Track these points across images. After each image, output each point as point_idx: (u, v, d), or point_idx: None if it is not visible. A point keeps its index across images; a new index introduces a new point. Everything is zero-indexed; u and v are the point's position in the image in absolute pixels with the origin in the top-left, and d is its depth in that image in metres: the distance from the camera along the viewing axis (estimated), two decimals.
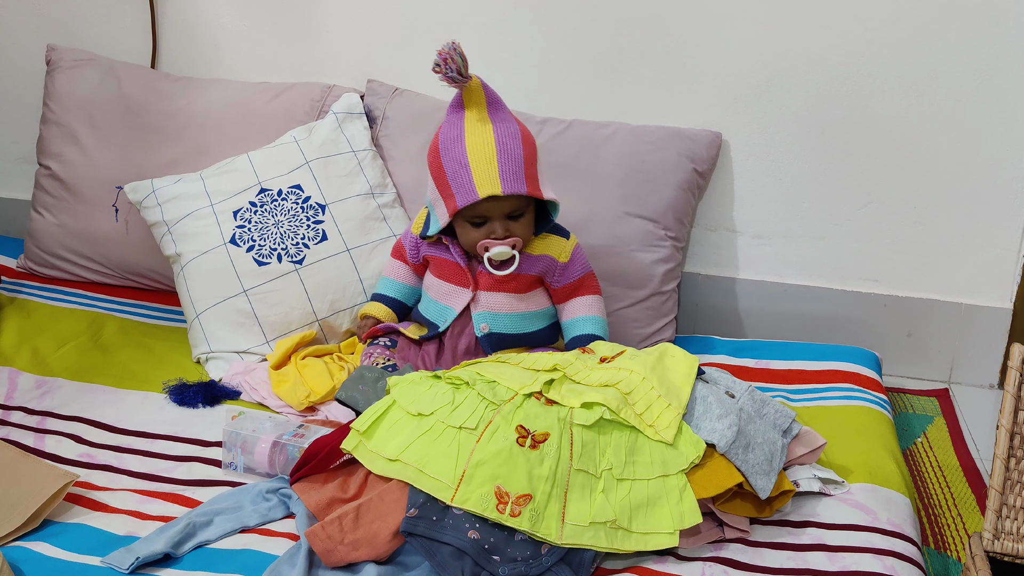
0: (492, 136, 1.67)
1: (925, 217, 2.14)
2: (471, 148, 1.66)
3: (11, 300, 2.08)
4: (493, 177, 1.65)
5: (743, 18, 2.08)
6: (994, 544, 1.35)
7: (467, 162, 1.66)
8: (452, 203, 1.68)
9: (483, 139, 1.66)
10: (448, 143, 1.69)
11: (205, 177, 2.03)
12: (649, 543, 1.36)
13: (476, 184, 1.65)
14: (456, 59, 1.63)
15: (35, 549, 1.34)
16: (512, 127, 1.70)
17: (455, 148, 1.67)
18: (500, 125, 1.69)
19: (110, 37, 2.35)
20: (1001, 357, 2.20)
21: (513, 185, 1.66)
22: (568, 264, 1.80)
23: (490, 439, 1.39)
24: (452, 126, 1.70)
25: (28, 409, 1.71)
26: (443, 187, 1.70)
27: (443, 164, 1.69)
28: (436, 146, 1.72)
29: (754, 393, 1.56)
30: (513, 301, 1.78)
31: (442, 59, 1.63)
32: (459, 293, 1.79)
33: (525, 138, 1.71)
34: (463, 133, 1.68)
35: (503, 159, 1.66)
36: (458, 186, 1.67)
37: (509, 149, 1.67)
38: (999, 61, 2.02)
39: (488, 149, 1.66)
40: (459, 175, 1.67)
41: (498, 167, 1.65)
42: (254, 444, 1.53)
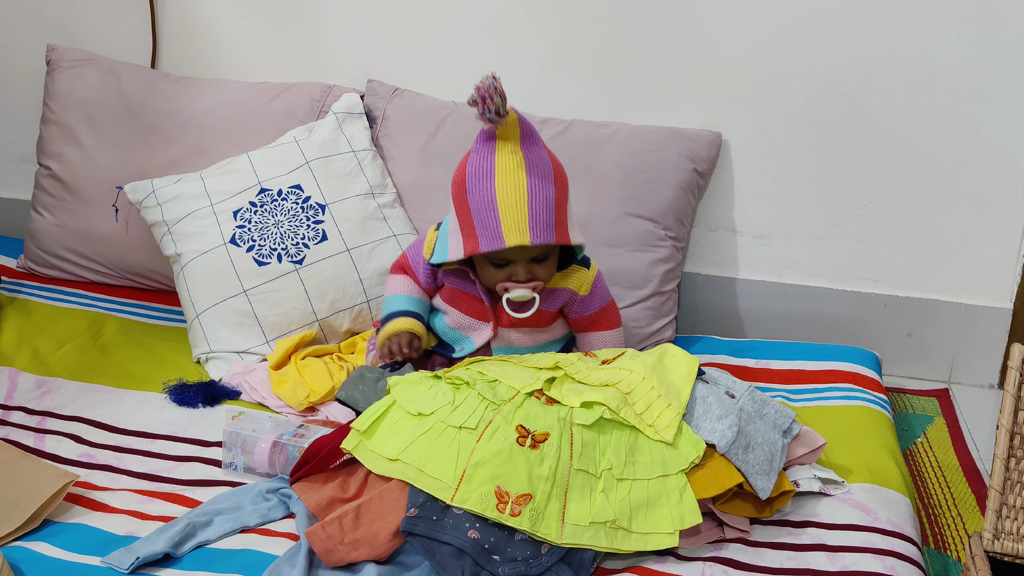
0: (524, 178, 1.56)
1: (925, 217, 2.14)
2: (501, 189, 1.55)
3: (11, 300, 2.08)
4: (522, 226, 1.54)
5: (743, 18, 2.08)
6: (994, 544, 1.35)
7: (496, 205, 1.55)
8: (474, 243, 1.58)
9: (515, 181, 1.55)
10: (476, 179, 1.57)
11: (205, 177, 2.03)
12: (649, 543, 1.36)
13: (504, 231, 1.54)
14: (496, 99, 1.52)
15: (35, 549, 1.34)
16: (546, 166, 1.59)
17: (484, 186, 1.56)
18: (533, 164, 1.58)
19: (110, 37, 2.35)
20: (1001, 357, 2.20)
21: (542, 235, 1.56)
22: (587, 297, 1.73)
23: (490, 439, 1.39)
24: (482, 160, 1.58)
25: (28, 409, 1.71)
26: (466, 224, 1.59)
27: (469, 202, 1.58)
28: (463, 178, 1.59)
29: (754, 393, 1.56)
30: (533, 335, 1.74)
31: (480, 96, 1.52)
32: (480, 327, 1.73)
33: (558, 178, 1.60)
34: (493, 170, 1.56)
35: (534, 206, 1.55)
36: (483, 229, 1.56)
37: (541, 194, 1.56)
38: (999, 61, 2.02)
39: (519, 193, 1.55)
40: (486, 218, 1.56)
41: (528, 215, 1.55)
42: (254, 444, 1.53)
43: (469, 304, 1.72)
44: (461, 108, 2.14)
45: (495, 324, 1.71)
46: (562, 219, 1.60)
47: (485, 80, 1.52)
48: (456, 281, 1.72)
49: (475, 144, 1.60)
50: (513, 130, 1.57)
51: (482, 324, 1.73)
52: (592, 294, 1.73)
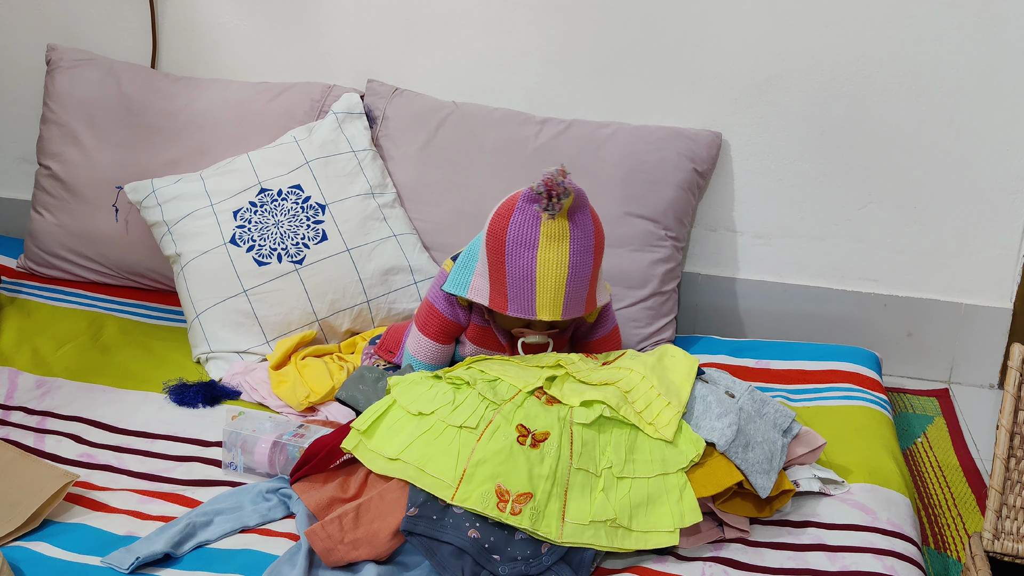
0: (567, 254, 1.51)
1: (925, 217, 2.14)
2: (542, 265, 1.51)
3: (11, 300, 2.08)
4: (556, 304, 1.52)
5: (743, 18, 2.08)
6: (994, 544, 1.35)
7: (534, 280, 1.51)
8: (502, 303, 1.55)
9: (557, 257, 1.51)
10: (517, 245, 1.51)
11: (205, 177, 2.04)
12: (649, 542, 1.36)
13: (537, 306, 1.52)
14: (564, 199, 1.48)
15: (35, 549, 1.34)
16: (588, 240, 1.53)
17: (524, 256, 1.51)
18: (577, 237, 1.52)
19: (110, 37, 2.35)
20: (1001, 357, 2.20)
21: (573, 312, 1.55)
22: (593, 324, 1.72)
23: (491, 438, 1.39)
24: (527, 223, 1.51)
25: (28, 409, 1.71)
26: (498, 282, 1.56)
27: (506, 265, 1.53)
28: (502, 235, 1.53)
29: (754, 393, 1.56)
30: None
31: (547, 192, 1.49)
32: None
33: (598, 247, 1.56)
34: (537, 240, 1.50)
35: (571, 285, 1.52)
36: (516, 296, 1.53)
37: (580, 271, 1.53)
38: (999, 61, 2.02)
39: (560, 271, 1.51)
40: (522, 288, 1.53)
41: (565, 294, 1.52)
42: (254, 444, 1.53)
43: (487, 340, 1.71)
44: (461, 108, 2.14)
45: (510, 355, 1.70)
46: (593, 289, 1.58)
47: (555, 175, 1.48)
48: (480, 319, 1.70)
49: (520, 202, 1.53)
50: (566, 202, 1.51)
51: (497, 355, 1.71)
52: (598, 322, 1.72)
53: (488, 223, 1.57)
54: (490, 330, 1.69)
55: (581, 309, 1.57)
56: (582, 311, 1.57)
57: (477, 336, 1.71)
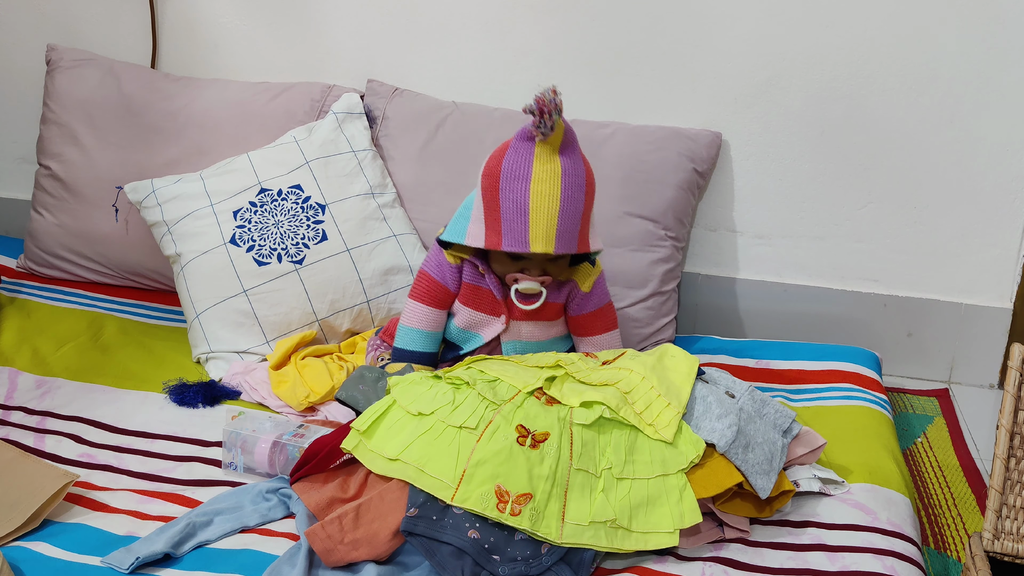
0: (559, 187, 1.56)
1: (925, 217, 2.14)
2: (535, 195, 1.56)
3: (11, 300, 2.08)
4: (550, 235, 1.56)
5: (743, 18, 2.08)
6: (994, 544, 1.35)
7: (527, 210, 1.56)
8: (497, 240, 1.59)
9: (549, 189, 1.56)
10: (512, 179, 1.57)
11: (205, 177, 2.03)
12: (649, 542, 1.36)
13: (531, 237, 1.56)
14: (555, 116, 1.52)
15: (35, 549, 1.34)
16: (579, 175, 1.59)
17: (518, 187, 1.56)
18: (570, 172, 1.58)
19: (110, 37, 2.35)
20: (1001, 357, 2.20)
21: (566, 245, 1.59)
22: (588, 295, 1.74)
23: (490, 438, 1.39)
24: (520, 159, 1.57)
25: (28, 409, 1.71)
26: (492, 219, 1.60)
27: (500, 199, 1.58)
28: (497, 171, 1.59)
29: (754, 393, 1.56)
30: (543, 329, 1.75)
31: (539, 109, 1.52)
32: (491, 323, 1.73)
33: (589, 186, 1.61)
34: (530, 174, 1.56)
35: (564, 217, 1.57)
36: (510, 230, 1.58)
37: (571, 206, 1.57)
38: (999, 61, 2.02)
39: (552, 203, 1.56)
40: (515, 220, 1.57)
41: (557, 226, 1.56)
42: (254, 444, 1.53)
43: (481, 299, 1.73)
44: (461, 108, 2.14)
45: (507, 317, 1.72)
46: (586, 229, 1.62)
47: (546, 94, 1.51)
48: (473, 275, 1.72)
49: (514, 140, 1.59)
50: (557, 137, 1.56)
51: (493, 319, 1.73)
52: (592, 293, 1.74)
53: (483, 166, 1.62)
54: (483, 289, 1.71)
55: (574, 245, 1.60)
56: (574, 247, 1.60)
57: (470, 297, 1.72)
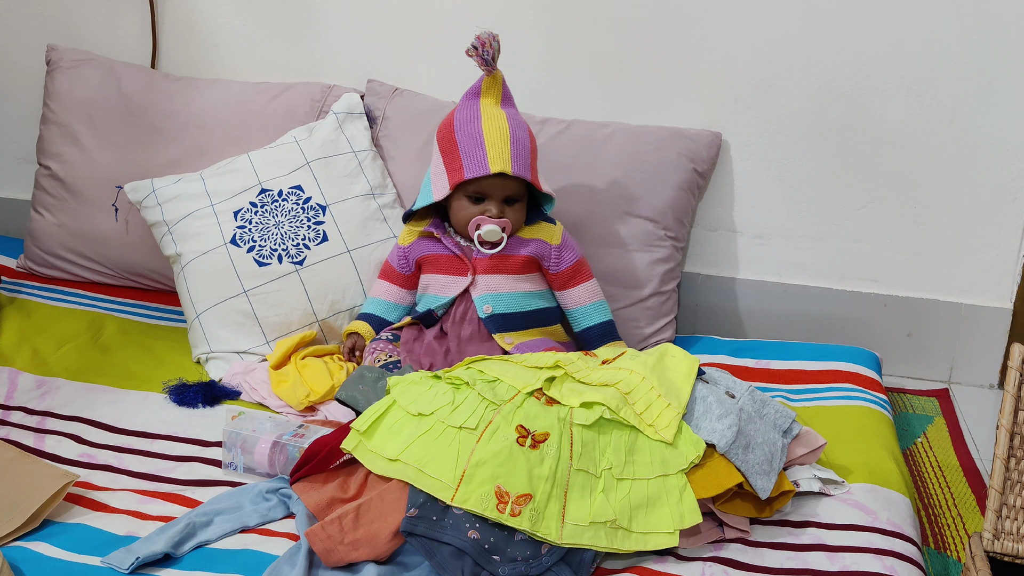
0: (506, 123, 1.77)
1: (925, 217, 2.14)
2: (487, 129, 1.76)
3: (11, 300, 2.08)
4: (505, 157, 1.74)
5: (743, 18, 2.08)
6: (994, 544, 1.35)
7: (482, 140, 1.75)
8: (459, 175, 1.75)
9: (498, 124, 1.77)
10: (463, 122, 1.78)
11: (205, 177, 2.03)
12: (649, 543, 1.36)
13: (489, 159, 1.74)
14: (494, 45, 1.76)
15: (35, 549, 1.34)
16: (521, 122, 1.81)
17: (471, 126, 1.77)
18: (513, 116, 1.80)
19: (110, 37, 2.35)
20: (1001, 357, 2.20)
21: (521, 169, 1.75)
22: (561, 247, 1.85)
23: (490, 439, 1.39)
24: (468, 109, 1.79)
25: (28, 409, 1.71)
26: (452, 160, 1.77)
27: (457, 139, 1.77)
28: (450, 123, 1.80)
29: (754, 393, 1.56)
30: (512, 281, 1.82)
31: (479, 42, 1.75)
32: (457, 282, 1.82)
33: (531, 134, 1.82)
34: (479, 115, 1.78)
35: (515, 144, 1.76)
36: (469, 159, 1.75)
37: (520, 137, 1.78)
38: (999, 61, 2.02)
39: (503, 133, 1.76)
40: (473, 150, 1.75)
41: (511, 149, 1.75)
42: (254, 444, 1.53)
43: (444, 264, 1.84)
44: None
45: (472, 271, 1.81)
46: (535, 166, 1.80)
47: (486, 31, 1.77)
48: (426, 247, 1.85)
49: (461, 100, 1.82)
50: (497, 88, 1.80)
51: (458, 278, 1.82)
52: (564, 244, 1.86)
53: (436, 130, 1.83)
54: (443, 255, 1.84)
55: (527, 172, 1.76)
56: (528, 175, 1.76)
57: (432, 264, 1.86)
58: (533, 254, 1.84)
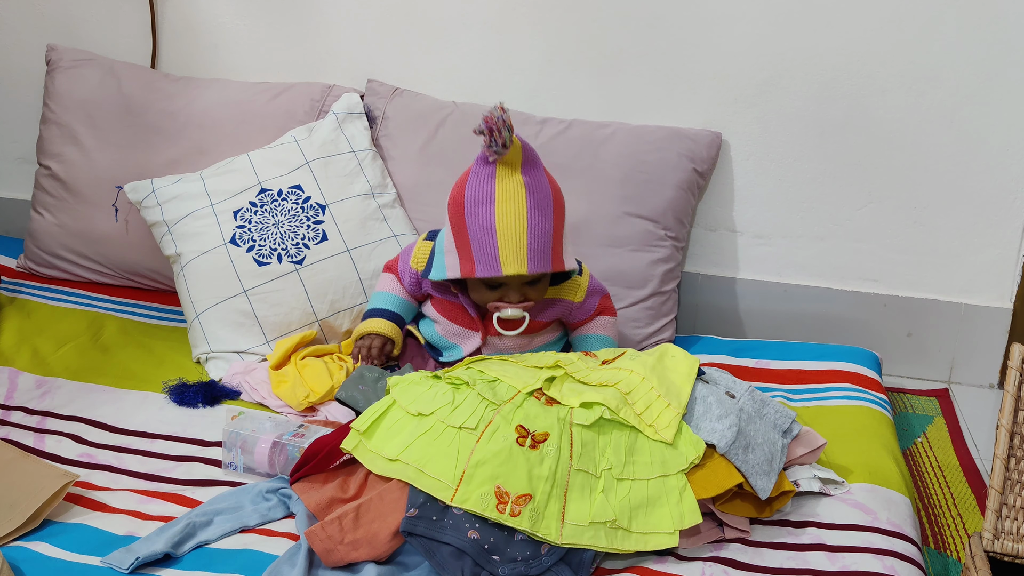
0: (524, 205, 1.55)
1: (925, 217, 2.14)
2: (501, 216, 1.54)
3: (11, 300, 2.08)
4: (520, 254, 1.55)
5: (743, 18, 2.08)
6: (994, 544, 1.35)
7: (495, 232, 1.54)
8: (470, 267, 1.59)
9: (515, 208, 1.54)
10: (476, 203, 1.56)
11: (205, 177, 2.03)
12: (649, 543, 1.36)
13: (501, 260, 1.55)
14: (504, 133, 1.52)
15: (35, 549, 1.34)
16: (545, 193, 1.58)
17: (483, 211, 1.55)
18: (533, 189, 1.56)
19: (110, 37, 2.35)
20: (1001, 357, 2.20)
21: (539, 264, 1.57)
22: (584, 301, 1.75)
23: (490, 439, 1.39)
24: (482, 183, 1.57)
25: (28, 409, 1.71)
26: (463, 247, 1.59)
27: (467, 225, 1.57)
28: (461, 199, 1.58)
29: (754, 393, 1.56)
30: (524, 340, 1.74)
31: (487, 128, 1.52)
32: (469, 336, 1.74)
33: (556, 203, 1.60)
34: (493, 196, 1.55)
35: (533, 235, 1.55)
36: (481, 255, 1.56)
37: (539, 224, 1.56)
38: (999, 61, 2.02)
39: (518, 222, 1.54)
40: (484, 244, 1.56)
41: (527, 243, 1.55)
42: (254, 444, 1.53)
43: (456, 313, 1.73)
44: (461, 108, 2.14)
45: (483, 334, 1.73)
46: (558, 247, 1.61)
47: (493, 112, 1.52)
48: (439, 291, 1.73)
49: (474, 165, 1.59)
50: (515, 155, 1.56)
51: (471, 332, 1.74)
52: (587, 297, 1.76)
53: (448, 196, 1.61)
54: (457, 304, 1.71)
55: (548, 265, 1.58)
56: (548, 267, 1.58)
57: (445, 308, 1.73)
58: (556, 316, 1.74)
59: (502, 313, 1.62)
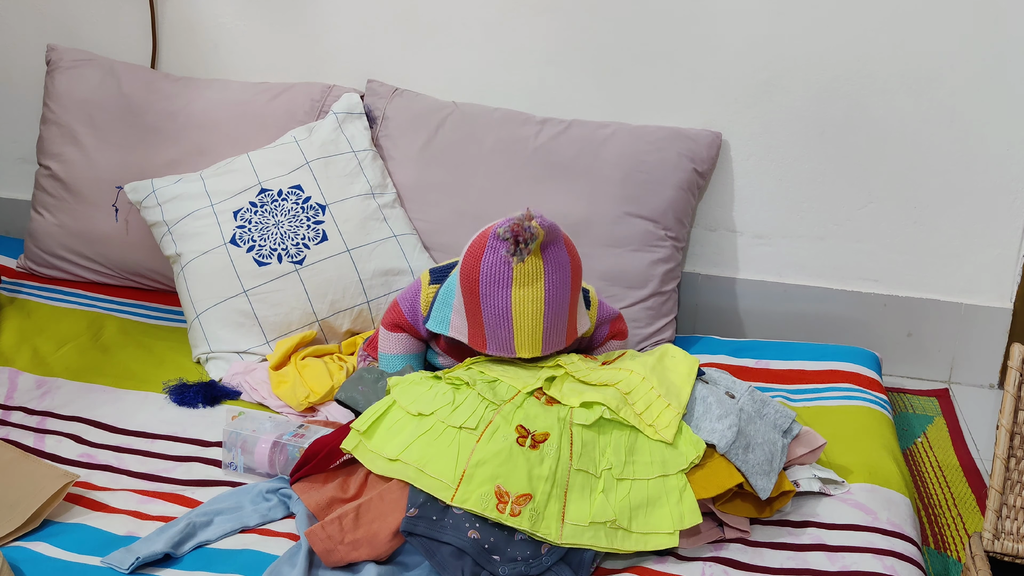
0: (542, 291, 1.48)
1: (925, 217, 2.14)
2: (517, 303, 1.48)
3: (11, 300, 2.08)
4: (536, 340, 1.50)
5: (743, 18, 2.08)
6: (994, 544, 1.35)
7: (510, 318, 1.49)
8: (481, 344, 1.54)
9: (532, 294, 1.48)
10: (492, 284, 1.49)
11: (205, 177, 2.04)
12: (649, 543, 1.36)
13: (516, 346, 1.51)
14: (531, 244, 1.46)
15: (35, 549, 1.34)
16: (563, 270, 1.50)
17: (499, 296, 1.49)
18: (552, 271, 1.49)
19: (110, 37, 2.35)
20: (1001, 357, 2.20)
21: (554, 346, 1.53)
22: (594, 332, 1.71)
23: (490, 439, 1.39)
24: (499, 262, 1.48)
25: (28, 409, 1.71)
26: (475, 322, 1.53)
27: (482, 306, 1.50)
28: (475, 275, 1.50)
29: (754, 393, 1.56)
30: None
31: (513, 236, 1.46)
32: None
33: (574, 278, 1.53)
34: (510, 281, 1.48)
35: (549, 320, 1.50)
36: (494, 336, 1.52)
37: (557, 306, 1.51)
38: (1000, 61, 2.02)
39: (536, 307, 1.48)
40: (499, 329, 1.51)
41: (543, 330, 1.50)
42: (254, 444, 1.53)
43: (464, 352, 1.68)
44: (461, 108, 2.14)
45: None
46: (573, 320, 1.56)
47: (522, 221, 1.46)
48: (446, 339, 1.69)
49: (491, 240, 1.50)
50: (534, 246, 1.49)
51: None
52: (598, 328, 1.72)
53: (461, 261, 1.53)
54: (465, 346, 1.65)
55: (562, 343, 1.54)
56: (563, 344, 1.55)
57: (452, 349, 1.70)
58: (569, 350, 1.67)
59: None
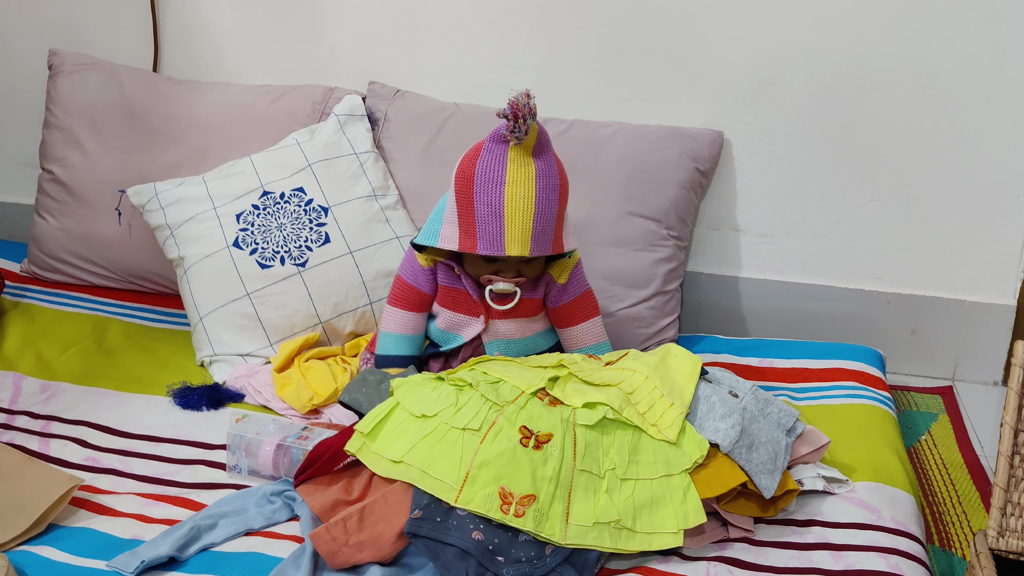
0: (534, 190, 1.56)
1: (928, 214, 2.14)
2: (510, 199, 1.55)
3: (15, 304, 2.09)
4: (525, 238, 1.56)
5: (744, 16, 2.08)
6: (999, 542, 1.35)
7: (502, 214, 1.56)
8: (472, 243, 1.59)
9: (524, 192, 1.55)
10: (485, 182, 1.56)
11: (208, 180, 2.04)
12: (653, 543, 1.36)
13: (506, 241, 1.56)
14: (529, 120, 1.53)
15: (40, 553, 1.35)
16: (553, 177, 1.59)
17: (492, 191, 1.56)
18: (544, 175, 1.58)
19: (112, 41, 2.36)
20: (1005, 354, 2.20)
21: (542, 247, 1.59)
22: (565, 286, 1.72)
23: (494, 440, 1.39)
24: (494, 162, 1.57)
25: (33, 413, 1.71)
26: (466, 222, 1.59)
27: (475, 203, 1.57)
28: (471, 174, 1.58)
29: (758, 392, 1.56)
30: (524, 325, 1.73)
31: (512, 113, 1.52)
32: (470, 323, 1.73)
33: (563, 188, 1.61)
34: (504, 176, 1.55)
35: (539, 220, 1.57)
36: (485, 233, 1.57)
37: (547, 208, 1.58)
38: (1002, 58, 2.02)
39: (526, 204, 1.56)
40: (490, 223, 1.57)
41: (532, 228, 1.56)
42: (258, 447, 1.54)
43: (459, 300, 1.72)
44: (463, 109, 2.14)
45: (486, 316, 1.71)
46: (560, 230, 1.63)
47: (520, 98, 1.52)
48: (449, 277, 1.72)
49: (487, 142, 1.59)
50: (530, 139, 1.57)
51: (472, 319, 1.73)
52: (569, 283, 1.73)
53: (456, 167, 1.61)
54: (460, 291, 1.70)
55: (548, 247, 1.60)
56: (549, 249, 1.60)
57: (448, 299, 1.72)
58: (542, 292, 1.72)
59: (495, 287, 1.64)
